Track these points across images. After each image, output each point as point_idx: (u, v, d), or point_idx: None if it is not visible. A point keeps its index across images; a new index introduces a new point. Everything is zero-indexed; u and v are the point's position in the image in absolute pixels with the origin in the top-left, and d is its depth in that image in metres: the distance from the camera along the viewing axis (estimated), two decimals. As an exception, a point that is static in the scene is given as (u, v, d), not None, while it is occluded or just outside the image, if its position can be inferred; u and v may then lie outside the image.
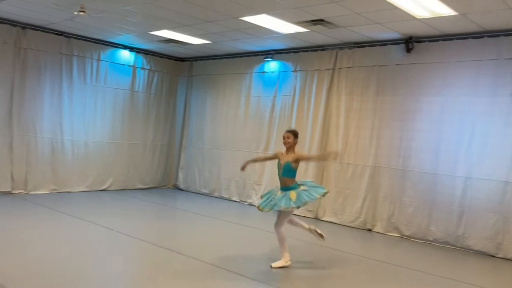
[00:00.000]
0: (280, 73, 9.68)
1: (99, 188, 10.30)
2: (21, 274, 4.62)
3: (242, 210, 9.45)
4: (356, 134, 8.39)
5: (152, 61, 11.13)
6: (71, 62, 9.62)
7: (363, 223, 8.20)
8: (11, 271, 4.67)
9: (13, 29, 8.75)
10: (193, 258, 5.62)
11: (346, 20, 7.01)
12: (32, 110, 9.09)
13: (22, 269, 4.76)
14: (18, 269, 4.75)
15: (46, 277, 4.60)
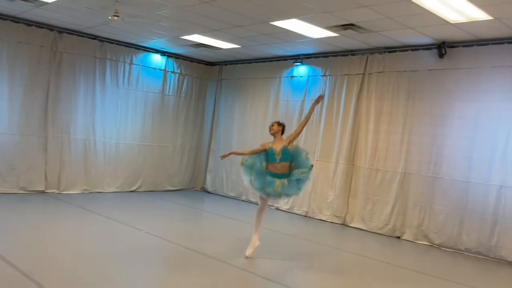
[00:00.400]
0: (309, 77, 9.66)
1: (129, 189, 10.49)
2: (52, 270, 4.75)
3: (268, 214, 9.37)
4: (386, 139, 8.28)
5: (183, 65, 11.29)
6: (104, 66, 9.86)
7: (391, 230, 8.08)
8: (43, 267, 4.81)
9: (50, 33, 9.03)
10: (220, 260, 5.65)
11: (377, 24, 6.95)
12: (66, 112, 9.35)
13: (53, 266, 4.90)
14: (50, 266, 4.89)
15: (75, 274, 4.72)
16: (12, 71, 8.62)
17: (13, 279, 4.36)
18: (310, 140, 9.43)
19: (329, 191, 8.98)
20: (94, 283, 4.53)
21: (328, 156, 9.08)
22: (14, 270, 4.58)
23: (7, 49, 8.54)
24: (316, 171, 9.23)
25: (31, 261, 4.96)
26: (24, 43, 8.72)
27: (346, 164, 8.78)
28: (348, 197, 8.76)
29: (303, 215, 9.34)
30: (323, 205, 9.07)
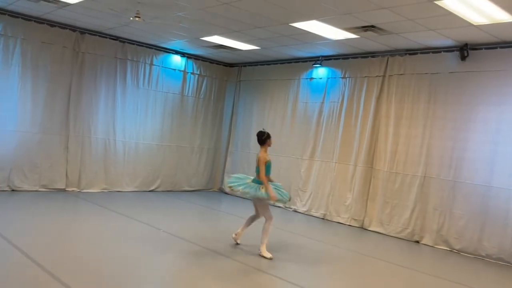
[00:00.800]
0: (329, 79, 9.62)
1: (148, 188, 10.59)
2: (71, 267, 4.81)
3: (285, 216, 9.42)
4: (406, 143, 8.19)
5: (202, 66, 11.35)
6: (125, 66, 9.99)
7: (410, 235, 7.98)
8: (62, 263, 4.88)
9: (73, 34, 9.19)
10: (237, 261, 5.66)
11: (398, 26, 6.89)
12: (87, 111, 9.49)
13: (73, 262, 4.97)
14: (69, 262, 4.96)
15: (93, 271, 4.77)
16: (35, 71, 8.79)
17: (37, 277, 4.44)
18: (328, 142, 9.39)
19: (347, 194, 8.92)
20: (109, 278, 4.58)
21: (347, 158, 9.02)
22: (38, 268, 4.66)
23: (31, 49, 8.71)
24: (335, 174, 9.19)
25: (54, 259, 5.04)
26: (47, 44, 8.89)
27: (365, 167, 8.71)
28: (367, 200, 8.68)
29: (321, 218, 9.29)
30: (341, 208, 9.01)
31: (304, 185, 9.79)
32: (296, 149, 10.04)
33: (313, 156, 9.67)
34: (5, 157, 8.54)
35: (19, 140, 8.68)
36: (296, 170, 9.96)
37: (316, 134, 9.70)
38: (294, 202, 9.91)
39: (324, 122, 9.57)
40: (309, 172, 9.70)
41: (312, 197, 9.57)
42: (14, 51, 8.55)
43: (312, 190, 9.57)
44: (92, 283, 4.43)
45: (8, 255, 4.97)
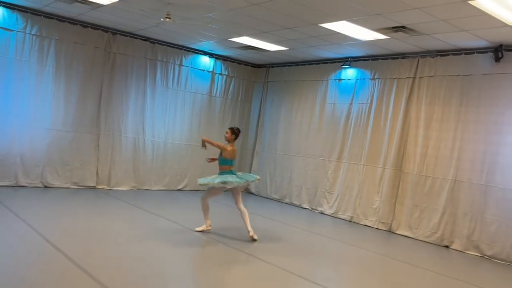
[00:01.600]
0: (357, 80, 9.54)
1: (175, 187, 10.72)
2: (100, 262, 4.92)
3: (312, 218, 9.38)
4: (436, 146, 8.04)
5: (230, 67, 11.42)
6: (155, 67, 10.14)
7: (440, 239, 7.82)
8: (92, 258, 4.99)
9: (105, 35, 9.38)
10: (263, 261, 5.66)
11: (430, 27, 6.78)
12: (118, 111, 9.68)
13: (102, 258, 5.07)
14: (99, 257, 5.07)
15: (121, 266, 4.86)
16: (68, 71, 9.02)
17: (68, 271, 4.55)
18: (356, 143, 9.31)
19: (375, 196, 8.82)
20: (140, 276, 4.65)
21: (375, 161, 8.92)
22: (70, 262, 4.78)
23: (65, 50, 8.95)
24: (362, 176, 9.09)
25: (85, 254, 5.16)
26: (80, 44, 9.11)
27: (394, 169, 8.59)
28: (395, 203, 8.56)
29: (348, 220, 9.21)
30: (368, 210, 8.92)
31: (331, 187, 9.72)
32: (324, 151, 9.98)
33: (341, 158, 9.60)
34: (38, 154, 8.80)
35: (52, 138, 8.93)
36: (323, 171, 9.91)
37: (344, 136, 9.62)
38: (321, 204, 9.86)
39: (352, 124, 9.48)
40: (337, 174, 9.63)
41: (339, 199, 9.50)
42: (48, 51, 8.80)
43: (339, 192, 9.50)
44: (120, 278, 4.51)
45: (41, 249, 5.11)
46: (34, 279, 4.24)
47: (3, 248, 5.07)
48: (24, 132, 8.62)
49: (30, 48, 8.60)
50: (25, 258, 4.80)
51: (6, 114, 8.42)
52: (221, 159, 6.55)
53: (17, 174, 8.61)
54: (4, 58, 8.33)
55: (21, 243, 5.32)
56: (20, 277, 4.26)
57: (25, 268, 4.49)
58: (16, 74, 8.48)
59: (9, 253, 4.91)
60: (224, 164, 6.53)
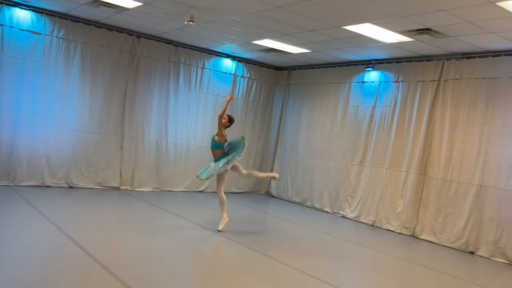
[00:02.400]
0: (381, 83, 9.44)
1: (197, 189, 10.79)
2: (123, 262, 4.98)
3: (333, 221, 9.32)
4: (461, 149, 7.90)
5: (252, 70, 11.45)
6: (178, 69, 10.24)
7: (465, 245, 7.67)
8: (115, 258, 5.06)
9: (129, 38, 9.52)
10: (285, 264, 5.65)
11: (456, 29, 6.67)
12: (141, 112, 9.80)
13: (125, 257, 5.14)
14: (122, 257, 5.13)
15: (143, 266, 4.91)
16: (94, 73, 9.18)
17: (92, 270, 4.63)
18: (379, 147, 9.21)
19: (399, 201, 8.71)
20: (162, 277, 4.69)
21: (399, 164, 8.81)
22: (94, 261, 4.85)
23: (91, 52, 9.11)
24: (385, 180, 9.00)
25: (108, 254, 5.24)
26: (105, 47, 9.26)
27: (418, 173, 8.47)
28: (419, 208, 8.43)
29: (370, 224, 9.11)
30: (391, 215, 8.81)
31: (353, 191, 9.63)
32: (346, 154, 9.90)
33: (364, 161, 9.51)
34: (64, 155, 8.97)
35: (77, 139, 9.09)
36: (345, 175, 9.83)
37: (367, 139, 9.53)
38: (343, 207, 9.78)
39: (375, 127, 9.39)
40: (359, 177, 9.54)
41: (361, 203, 9.41)
42: (74, 54, 8.97)
43: (361, 196, 9.42)
44: (141, 278, 4.56)
45: (66, 248, 5.21)
46: (58, 277, 4.32)
47: (28, 246, 5.19)
48: (50, 133, 8.81)
49: (57, 51, 8.79)
50: (49, 256, 4.90)
51: (34, 115, 8.61)
52: (216, 144, 6.92)
53: (43, 174, 8.79)
54: (32, 61, 8.53)
55: (46, 241, 5.43)
56: (44, 274, 4.35)
57: (50, 266, 4.58)
58: (43, 77, 8.67)
59: (34, 251, 5.01)
60: (219, 148, 6.93)
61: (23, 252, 4.94)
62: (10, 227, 5.91)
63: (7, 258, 4.64)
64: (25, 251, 4.99)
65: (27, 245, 5.20)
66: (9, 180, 8.45)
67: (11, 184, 8.44)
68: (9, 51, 8.29)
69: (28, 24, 8.48)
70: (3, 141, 8.36)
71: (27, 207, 6.99)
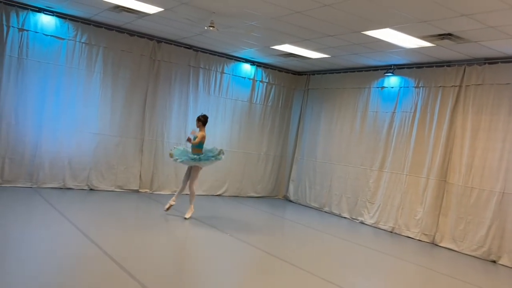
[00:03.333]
0: (401, 88, 9.37)
1: (215, 193, 10.84)
2: (143, 264, 5.03)
3: (352, 227, 9.25)
4: (483, 156, 7.78)
5: (271, 75, 11.48)
6: (197, 74, 10.33)
7: (486, 254, 7.53)
8: (135, 260, 5.12)
9: (150, 43, 9.65)
10: (304, 270, 5.63)
11: (478, 34, 6.59)
12: (161, 116, 9.91)
13: (144, 259, 5.19)
14: (141, 259, 5.19)
15: (161, 268, 4.95)
16: (115, 77, 9.32)
17: (111, 272, 4.69)
18: (399, 153, 9.12)
19: (418, 207, 8.60)
20: (179, 279, 4.73)
21: (419, 171, 8.71)
22: (113, 263, 4.92)
23: (112, 57, 9.25)
24: (405, 186, 8.90)
25: (127, 256, 5.30)
26: (126, 52, 9.40)
27: (438, 180, 8.36)
28: (439, 215, 8.32)
29: (389, 231, 9.02)
30: (411, 221, 8.71)
31: (372, 197, 9.56)
32: (365, 160, 9.83)
33: (383, 167, 9.43)
34: (85, 158, 9.12)
35: (98, 142, 9.23)
36: (364, 181, 9.76)
37: (386, 145, 9.45)
38: (362, 213, 9.71)
39: (395, 133, 9.31)
40: (378, 183, 9.46)
41: (380, 209, 9.33)
42: (96, 59, 9.12)
43: (380, 202, 9.33)
44: (159, 279, 4.60)
45: (87, 250, 5.29)
46: (78, 278, 4.39)
47: (50, 247, 5.28)
48: (72, 136, 8.96)
49: (80, 56, 8.95)
50: (70, 257, 4.98)
51: (56, 118, 8.78)
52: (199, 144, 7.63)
53: (65, 176, 8.95)
54: (55, 65, 8.70)
55: (67, 243, 5.52)
56: (65, 276, 4.42)
57: (70, 267, 4.66)
58: (66, 81, 8.84)
59: (55, 252, 5.11)
60: (200, 147, 7.67)
61: (44, 253, 5.03)
62: (32, 228, 6.03)
63: (29, 259, 4.73)
64: (47, 252, 5.09)
65: (48, 246, 5.30)
66: (32, 182, 8.62)
67: (34, 186, 8.61)
68: (33, 56, 8.48)
69: (52, 29, 8.66)
70: (27, 143, 8.54)
71: (49, 209, 7.13)
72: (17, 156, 8.47)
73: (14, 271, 4.34)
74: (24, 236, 5.57)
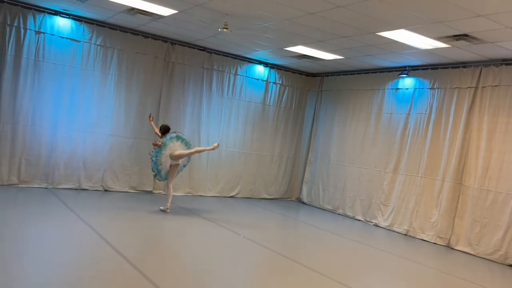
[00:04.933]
0: (416, 90, 9.28)
1: (228, 194, 10.86)
2: (156, 264, 5.05)
3: (366, 230, 9.18)
4: (500, 158, 7.66)
5: (284, 76, 11.47)
6: (211, 76, 10.37)
7: (503, 257, 7.41)
8: (148, 260, 5.14)
9: (164, 45, 9.71)
10: (318, 272, 5.60)
11: (494, 35, 6.49)
12: (175, 118, 9.96)
13: (157, 259, 5.21)
14: (154, 259, 5.21)
15: (174, 268, 4.97)
16: (129, 79, 9.40)
17: (129, 275, 4.72)
18: (414, 155, 9.03)
19: (433, 210, 8.51)
20: (193, 280, 4.74)
21: (434, 173, 8.61)
22: (130, 265, 4.95)
23: (127, 59, 9.33)
24: (420, 189, 8.81)
25: (141, 256, 5.33)
26: (141, 54, 9.47)
27: (453, 182, 8.26)
28: (454, 217, 8.21)
29: (404, 234, 8.93)
30: (426, 224, 8.61)
31: (386, 199, 9.48)
32: (379, 162, 9.76)
33: (397, 169, 9.35)
34: (100, 159, 9.20)
35: (113, 143, 9.32)
36: (378, 183, 9.69)
37: (400, 147, 9.37)
38: (375, 216, 9.63)
39: (410, 134, 9.22)
40: (392, 185, 9.38)
41: (394, 211, 9.24)
42: (111, 61, 9.21)
43: (394, 204, 9.25)
44: (172, 280, 4.61)
45: (101, 250, 5.33)
46: (93, 279, 4.42)
47: (65, 247, 5.34)
48: (87, 138, 9.06)
49: (95, 58, 9.05)
50: (85, 258, 5.03)
51: (72, 120, 8.88)
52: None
53: (80, 177, 9.04)
54: (70, 67, 8.81)
55: (82, 243, 5.57)
56: (79, 276, 4.46)
57: (85, 268, 4.70)
58: (81, 83, 8.94)
59: (70, 252, 5.16)
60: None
61: (59, 253, 5.09)
62: (47, 229, 6.09)
63: (44, 259, 4.79)
64: (62, 252, 5.14)
65: (63, 247, 5.36)
66: (47, 183, 8.73)
67: (49, 187, 8.71)
68: (49, 58, 8.60)
69: (68, 32, 8.77)
70: (43, 144, 8.66)
71: (64, 210, 7.20)
72: (33, 157, 8.59)
73: (30, 271, 4.39)
74: (39, 236, 5.63)
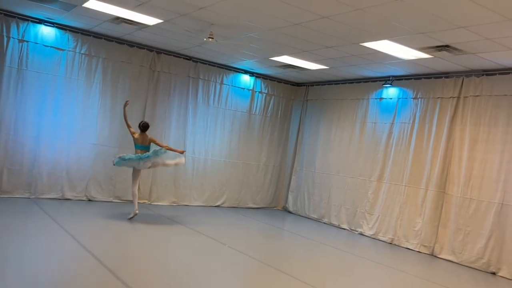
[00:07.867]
0: (399, 99, 9.40)
1: (214, 204, 10.82)
2: (138, 274, 5.00)
3: (351, 239, 9.21)
4: (482, 167, 7.78)
5: (270, 86, 11.53)
6: (197, 85, 10.37)
7: (486, 265, 7.50)
8: (130, 271, 5.09)
9: (150, 54, 9.70)
10: (302, 281, 5.60)
11: (476, 46, 6.63)
12: (160, 127, 9.92)
13: (138, 270, 5.16)
14: (136, 270, 5.16)
15: (160, 280, 4.92)
16: (115, 88, 9.36)
17: (108, 282, 4.66)
18: (398, 164, 9.12)
19: (417, 218, 8.58)
20: None
21: (417, 182, 8.70)
22: (109, 273, 4.90)
23: (112, 68, 9.30)
24: (404, 197, 8.89)
25: (122, 266, 5.27)
26: (126, 63, 9.44)
27: (437, 191, 8.36)
28: (438, 226, 8.30)
29: (388, 242, 8.98)
30: (410, 233, 8.68)
31: (371, 208, 9.53)
32: (364, 171, 9.83)
33: (382, 178, 9.42)
34: (84, 168, 9.11)
35: (97, 153, 9.24)
36: (363, 192, 9.75)
37: (385, 156, 9.46)
38: (361, 224, 9.68)
39: (393, 144, 9.32)
40: (377, 194, 9.45)
41: (379, 220, 9.30)
42: (96, 69, 9.16)
43: (379, 213, 9.31)
44: None
45: (84, 261, 5.26)
46: (77, 290, 4.37)
47: (47, 258, 5.26)
48: (71, 147, 8.97)
49: (79, 67, 8.99)
50: (67, 269, 4.96)
51: (55, 129, 8.79)
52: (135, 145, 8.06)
53: (63, 187, 8.94)
54: (54, 76, 8.74)
55: (64, 254, 5.50)
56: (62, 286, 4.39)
57: (67, 279, 4.63)
58: (65, 91, 8.87)
59: (52, 263, 5.08)
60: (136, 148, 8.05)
61: (41, 264, 5.01)
62: (29, 239, 6.00)
63: (25, 270, 4.71)
64: (43, 263, 5.06)
65: (45, 257, 5.28)
66: (30, 193, 8.61)
67: (32, 197, 8.59)
68: (33, 67, 8.52)
69: (52, 40, 8.71)
70: (26, 153, 8.55)
71: (47, 220, 7.10)
72: (15, 166, 8.47)
73: (10, 282, 4.31)
74: (20, 247, 5.54)
